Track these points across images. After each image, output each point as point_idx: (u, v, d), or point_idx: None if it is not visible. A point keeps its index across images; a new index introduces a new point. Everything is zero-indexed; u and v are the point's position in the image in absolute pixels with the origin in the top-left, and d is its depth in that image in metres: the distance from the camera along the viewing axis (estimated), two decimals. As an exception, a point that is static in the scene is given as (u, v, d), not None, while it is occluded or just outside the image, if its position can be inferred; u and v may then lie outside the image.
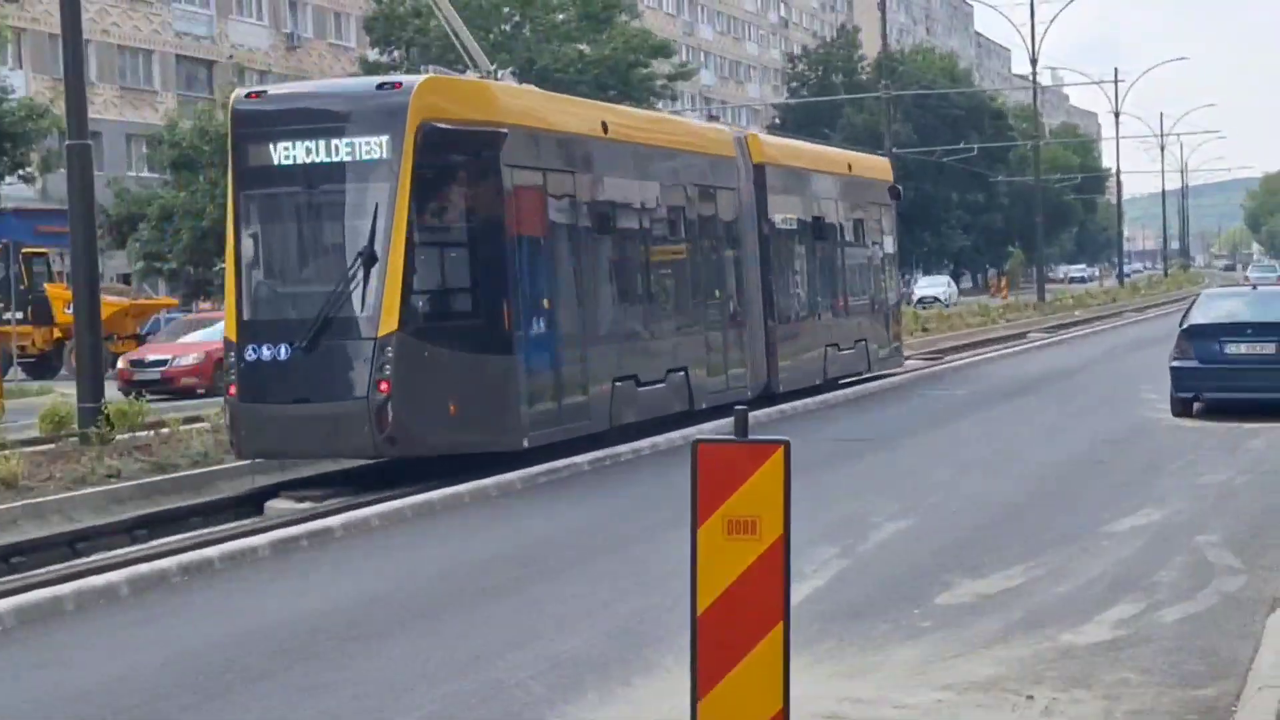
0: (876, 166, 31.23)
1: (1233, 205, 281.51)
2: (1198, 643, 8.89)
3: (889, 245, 29.95)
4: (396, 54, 55.33)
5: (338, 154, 16.18)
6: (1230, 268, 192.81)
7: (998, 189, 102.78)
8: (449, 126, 16.36)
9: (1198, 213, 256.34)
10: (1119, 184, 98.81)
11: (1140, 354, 32.41)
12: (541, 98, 19.58)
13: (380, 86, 17.19)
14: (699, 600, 5.94)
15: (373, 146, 16.08)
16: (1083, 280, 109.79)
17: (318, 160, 16.26)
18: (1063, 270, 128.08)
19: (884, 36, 48.46)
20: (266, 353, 16.02)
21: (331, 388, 15.99)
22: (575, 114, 19.70)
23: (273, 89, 19.04)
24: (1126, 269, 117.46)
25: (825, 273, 26.53)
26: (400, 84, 16.72)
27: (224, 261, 18.34)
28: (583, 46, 55.00)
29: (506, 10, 55.91)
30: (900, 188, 30.92)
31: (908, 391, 26.40)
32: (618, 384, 18.85)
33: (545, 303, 17.44)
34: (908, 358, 32.76)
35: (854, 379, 27.04)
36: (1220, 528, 12.53)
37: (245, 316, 16.41)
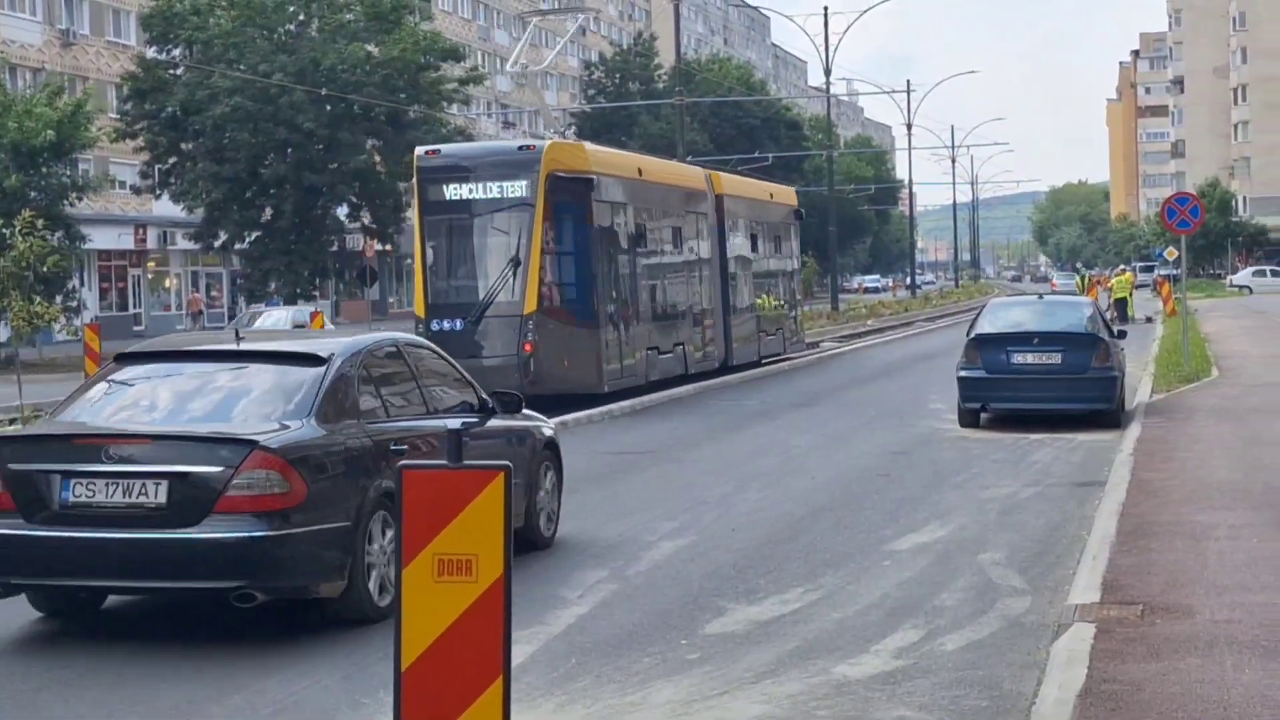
0: (788, 194, 39.22)
1: (1021, 218, 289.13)
2: (980, 674, 8.28)
3: (796, 257, 38.68)
4: (176, 52, 53.38)
5: (494, 193, 23.98)
6: (1018, 278, 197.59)
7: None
8: (564, 175, 24.04)
9: (988, 225, 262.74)
10: (911, 195, 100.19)
11: (929, 364, 32.35)
12: (606, 152, 27.84)
13: (520, 148, 25.17)
14: (404, 653, 5.07)
15: (518, 188, 23.82)
16: (876, 290, 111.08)
17: (480, 197, 24.08)
18: (857, 280, 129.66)
19: (677, 44, 48.03)
20: (447, 325, 23.45)
21: (494, 348, 23.32)
22: (624, 163, 27.80)
23: (444, 148, 26.69)
24: (919, 280, 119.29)
25: (761, 278, 34.38)
26: (534, 146, 24.68)
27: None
28: (372, 48, 53.57)
29: (292, 9, 54.28)
30: (803, 210, 38.77)
31: (695, 402, 25.76)
32: (649, 352, 26.61)
33: (613, 294, 25.37)
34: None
35: (773, 358, 34.57)
36: (1004, 545, 12.03)
37: (430, 301, 24.11)
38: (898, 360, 36.50)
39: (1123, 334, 22.22)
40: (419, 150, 25.36)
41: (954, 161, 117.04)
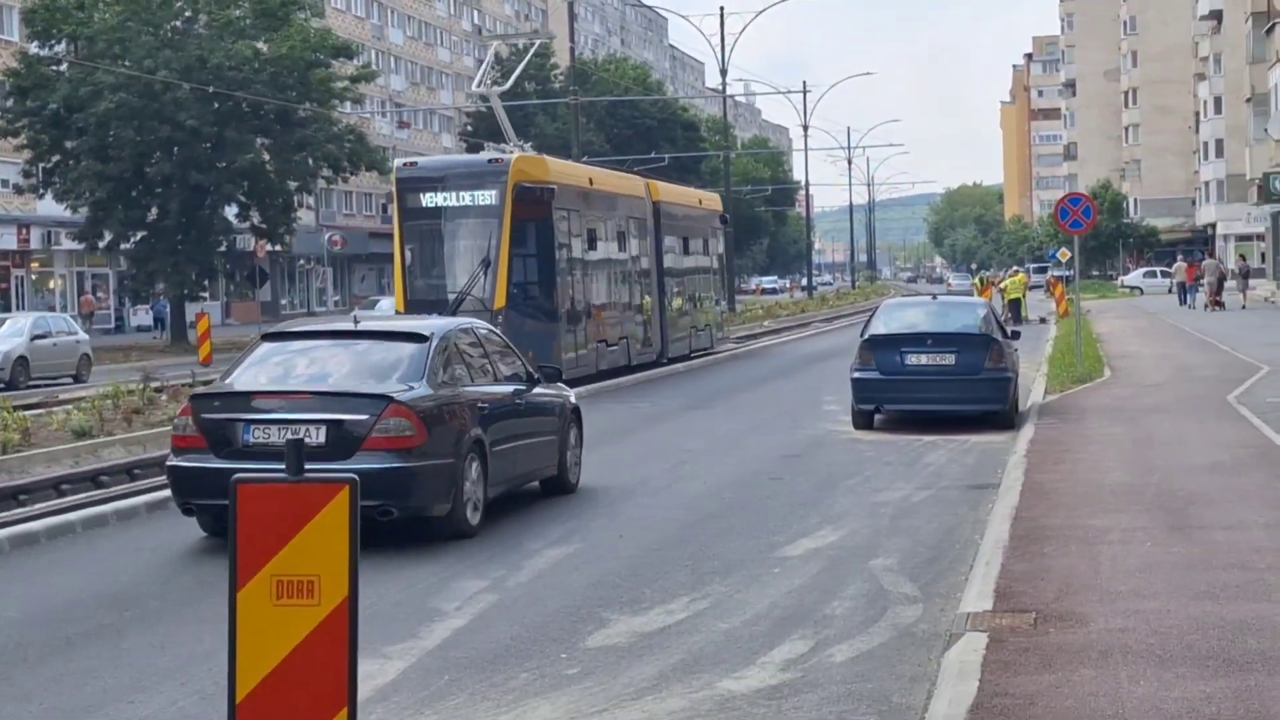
0: (714, 200, 42.53)
1: (917, 219, 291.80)
2: (869, 687, 7.97)
3: (722, 259, 42.22)
4: (59, 47, 52.17)
5: (465, 200, 26.40)
6: (913, 279, 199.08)
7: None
8: (529, 185, 26.32)
9: (885, 226, 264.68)
10: (808, 196, 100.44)
11: (825, 365, 32.18)
12: (564, 164, 31.29)
13: (490, 161, 27.19)
14: (238, 684, 4.64)
15: (487, 197, 26.19)
16: (774, 292, 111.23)
17: (453, 204, 26.49)
18: (754, 282, 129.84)
19: (571, 42, 47.58)
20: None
21: None
22: (578, 173, 30.86)
23: (420, 161, 29.43)
24: (817, 281, 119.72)
25: (691, 279, 36.98)
26: (502, 159, 26.77)
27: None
28: (260, 44, 52.70)
29: (179, 4, 53.26)
30: (728, 216, 42.78)
31: (589, 404, 25.26)
32: (599, 344, 29.33)
33: (570, 292, 27.93)
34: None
35: (701, 352, 37.12)
36: (897, 550, 11.77)
37: (409, 297, 26.56)
38: (793, 361, 36.38)
39: (1016, 335, 22.12)
40: (397, 162, 28.75)
41: (850, 163, 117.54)
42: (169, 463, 12.90)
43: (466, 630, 9.45)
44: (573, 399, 15.72)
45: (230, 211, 56.96)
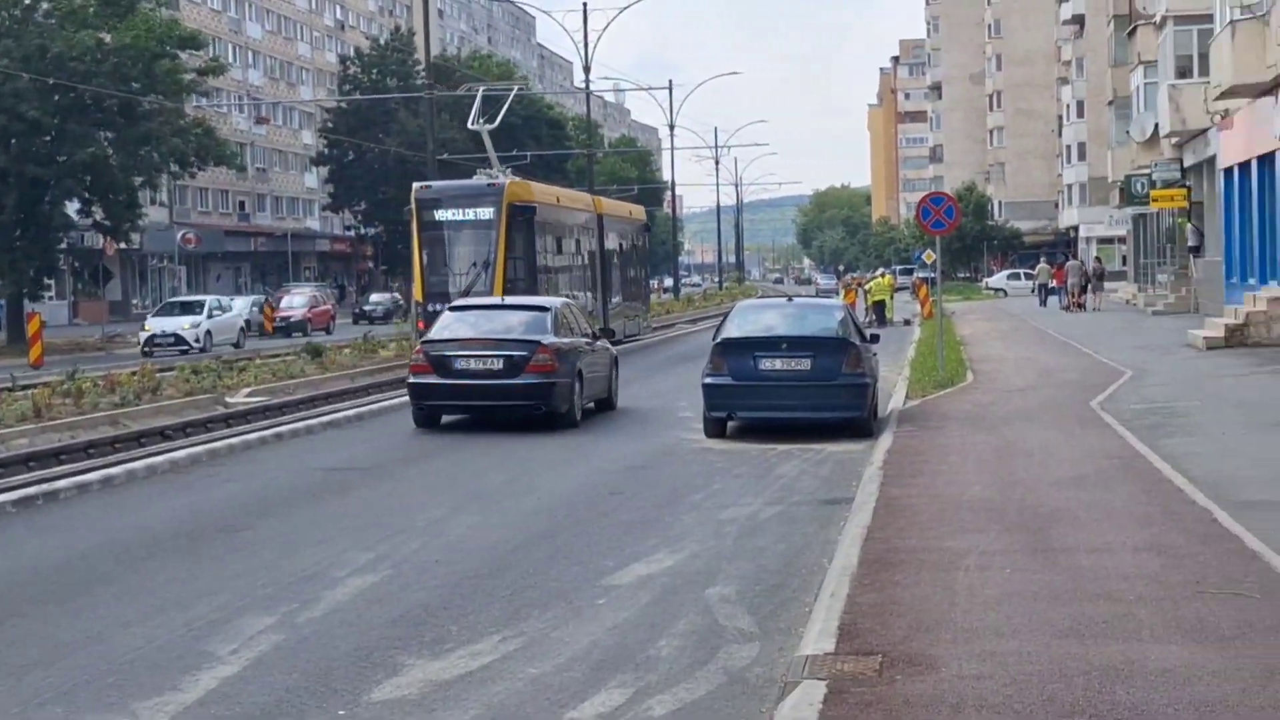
0: (641, 211, 52.88)
1: (786, 221, 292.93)
2: (689, 749, 6.88)
3: (645, 261, 52.26)
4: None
5: (469, 215, 33.69)
6: (780, 280, 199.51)
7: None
8: (518, 204, 33.91)
9: (754, 227, 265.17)
10: (674, 196, 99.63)
11: (685, 368, 31.08)
12: (542, 188, 39.14)
13: (489, 185, 34.40)
14: None
15: (487, 213, 33.51)
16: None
17: (460, 218, 33.78)
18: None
19: (426, 37, 46.09)
20: (438, 306, 28.55)
21: None
22: (551, 193, 39.07)
23: (433, 185, 35.78)
24: (684, 282, 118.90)
25: (625, 277, 45.10)
26: (498, 183, 34.27)
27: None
28: (104, 35, 50.62)
29: (20, -9, 51.08)
30: (649, 224, 53.45)
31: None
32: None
33: (546, 286, 34.72)
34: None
35: (632, 339, 43.48)
36: (738, 576, 10.72)
37: (427, 290, 33.48)
38: (653, 364, 35.34)
39: (875, 338, 21.22)
40: (416, 185, 35.21)
41: (717, 163, 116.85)
42: (410, 380, 21.54)
43: (237, 680, 8.23)
44: (614, 351, 24.35)
45: (72, 207, 54.84)
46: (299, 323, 60.45)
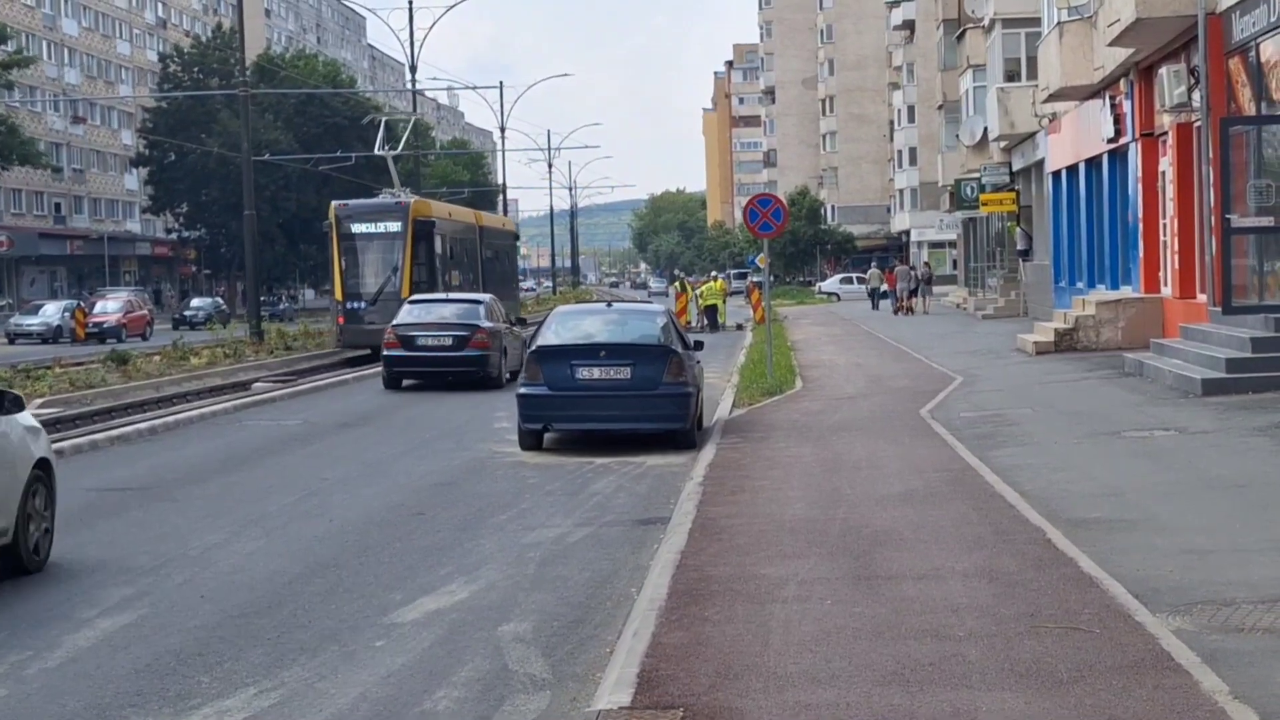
0: (510, 222, 61.59)
1: (622, 225, 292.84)
2: (454, 834, 5.86)
3: (515, 265, 61.47)
4: None
5: (380, 228, 39.36)
6: (616, 284, 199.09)
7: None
8: (421, 219, 39.75)
9: (590, 231, 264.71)
10: (505, 199, 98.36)
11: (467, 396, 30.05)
12: (440, 205, 46.79)
13: (397, 203, 40.44)
14: None
15: (395, 226, 39.19)
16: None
17: (373, 231, 39.41)
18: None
19: (241, 31, 44.47)
20: (354, 305, 38.96)
21: (384, 317, 33.24)
22: (446, 209, 46.23)
23: (350, 203, 41.51)
24: (520, 286, 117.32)
25: (500, 278, 50.23)
26: (404, 202, 40.38)
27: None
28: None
29: None
30: (518, 234, 62.30)
31: (229, 421, 22.70)
32: None
33: (442, 287, 39.42)
34: (258, 379, 33.13)
35: None
36: (535, 610, 9.72)
37: (345, 291, 39.29)
38: (319, 426, 34.05)
39: (699, 345, 20.35)
40: (335, 203, 40.81)
41: (550, 166, 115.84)
42: (384, 353, 28.05)
43: (-66, 752, 7.04)
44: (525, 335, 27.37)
45: None
46: (113, 329, 58.26)
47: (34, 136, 70.94)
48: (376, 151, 50.60)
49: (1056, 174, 39.22)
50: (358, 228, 39.44)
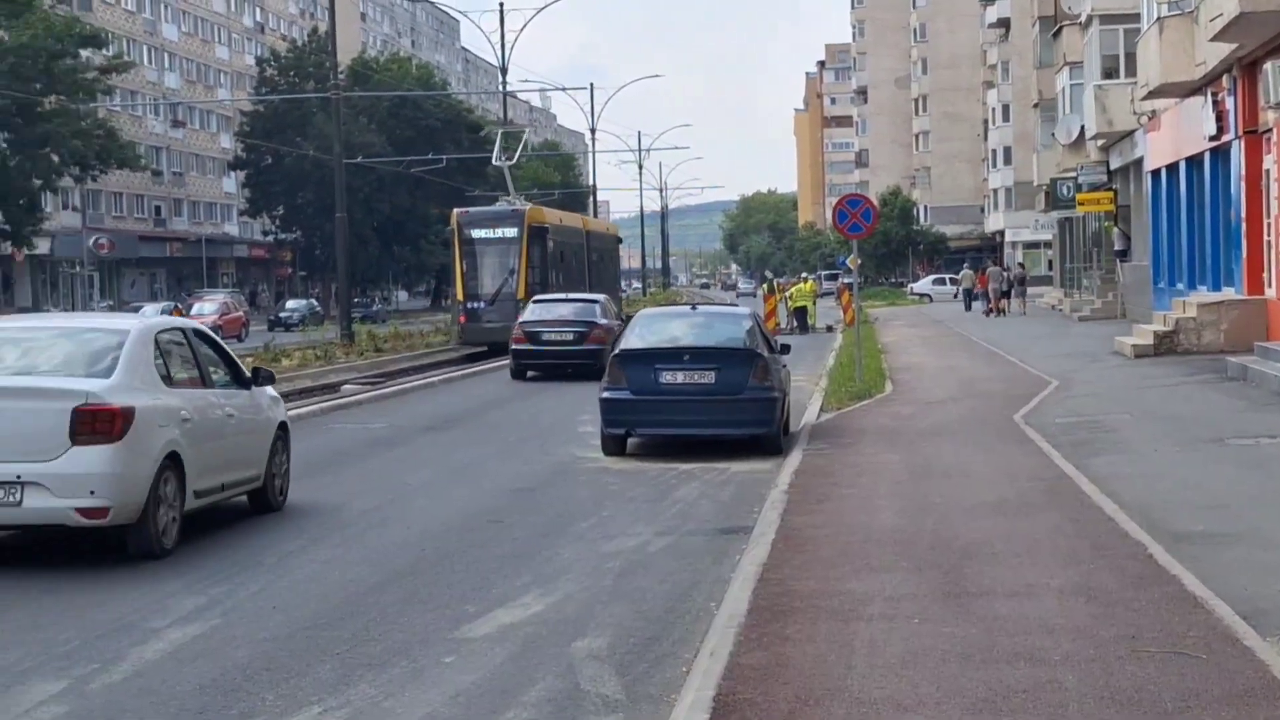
0: (614, 226, 68.01)
1: (712, 226, 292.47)
2: None
3: (617, 267, 63.78)
4: None
5: (498, 234, 42.13)
6: (706, 285, 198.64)
7: (477, 204, 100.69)
8: (535, 224, 42.58)
9: (680, 233, 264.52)
10: (595, 200, 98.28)
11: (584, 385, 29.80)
12: (552, 211, 50.76)
13: (513, 211, 43.27)
14: None
15: (511, 231, 42.04)
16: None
17: (491, 236, 42.17)
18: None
19: (332, 34, 44.60)
20: (474, 305, 41.72)
21: (502, 316, 38.96)
22: (557, 215, 49.94)
23: (470, 210, 44.87)
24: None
25: (604, 279, 52.81)
26: (520, 209, 43.26)
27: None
28: (0, 33, 48.74)
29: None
30: (620, 238, 65.17)
31: (315, 425, 22.55)
32: None
33: (554, 288, 41.80)
34: (347, 381, 32.93)
35: None
36: (611, 625, 9.41)
37: (466, 292, 41.93)
38: (465, 408, 33.80)
39: (785, 349, 19.96)
40: (456, 210, 44.33)
41: (641, 168, 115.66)
42: (513, 347, 30.81)
43: (-11, 771, 6.84)
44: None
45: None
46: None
47: (134, 140, 71.68)
48: (494, 162, 53.98)
49: (1156, 173, 38.40)
50: (477, 233, 42.40)
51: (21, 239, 53.36)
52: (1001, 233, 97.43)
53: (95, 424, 11.26)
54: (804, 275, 69.33)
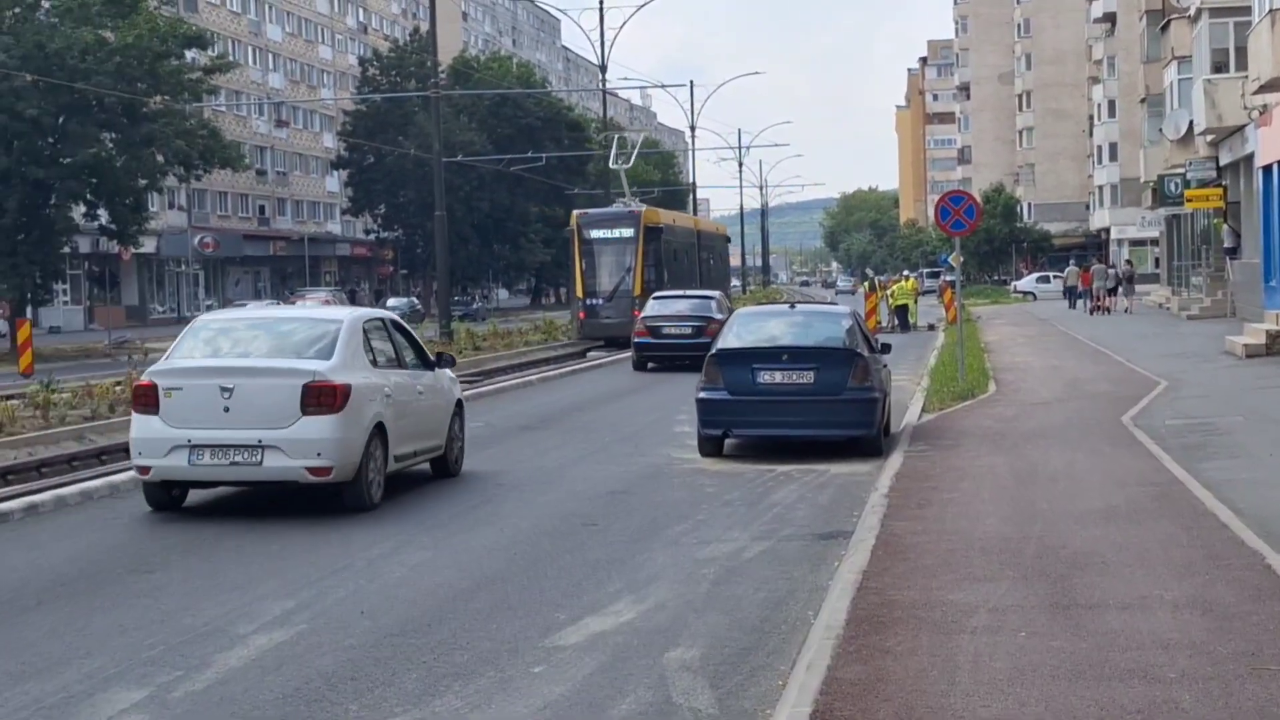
0: (723, 227, 70.05)
1: (813, 224, 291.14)
2: None
3: (726, 265, 67.57)
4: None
5: (615, 233, 45.28)
6: (806, 283, 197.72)
7: (578, 202, 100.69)
8: (650, 225, 45.97)
9: (780, 231, 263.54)
10: (694, 198, 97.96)
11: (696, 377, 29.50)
12: (666, 212, 54.39)
13: (630, 211, 46.32)
14: None
15: (628, 231, 45.25)
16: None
17: (609, 236, 45.30)
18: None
19: (433, 32, 44.63)
20: (593, 302, 44.79)
21: (619, 312, 43.29)
22: (670, 216, 53.21)
23: (589, 211, 48.06)
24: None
25: (714, 277, 56.68)
26: (637, 211, 46.39)
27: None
28: (106, 33, 49.24)
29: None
30: (729, 237, 69.75)
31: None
32: None
33: (667, 285, 43.36)
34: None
35: None
36: (705, 635, 9.13)
37: (585, 289, 45.04)
38: (592, 396, 33.58)
39: (886, 348, 19.57)
40: (576, 211, 47.86)
41: (741, 165, 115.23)
42: (635, 340, 32.45)
43: (65, 783, 6.68)
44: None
45: (79, 211, 53.49)
46: None
47: (238, 140, 72.32)
48: (610, 165, 58.11)
49: (1267, 168, 37.46)
50: (596, 233, 45.38)
51: (127, 238, 53.86)
52: (1107, 230, 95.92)
53: (321, 397, 13.38)
54: (905, 273, 68.58)
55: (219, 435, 13.43)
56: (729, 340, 18.14)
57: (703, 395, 17.61)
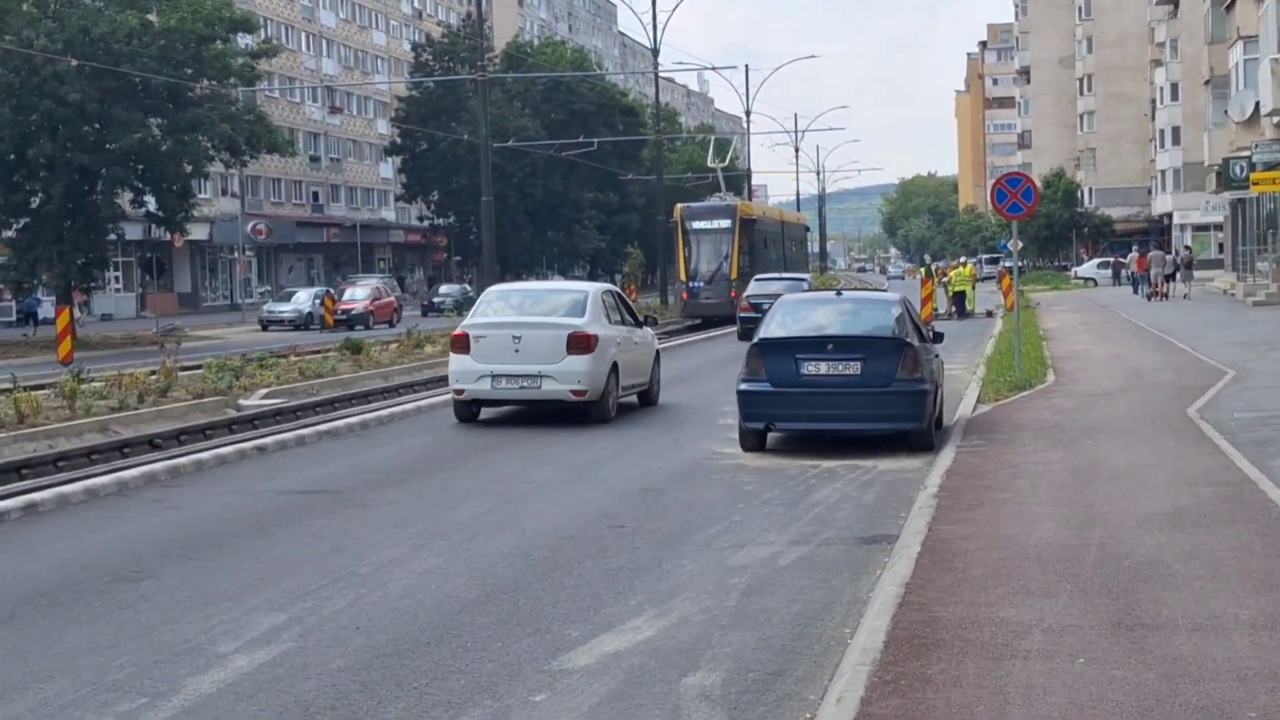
0: (803, 217, 78.50)
1: (871, 209, 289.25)
2: None
3: (806, 253, 75.02)
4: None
5: (714, 225, 52.48)
6: (863, 269, 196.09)
7: (632, 188, 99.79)
8: (745, 217, 53.42)
9: (838, 216, 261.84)
10: (749, 183, 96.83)
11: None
12: (758, 205, 68.15)
13: (727, 205, 54.05)
14: None
15: (725, 222, 52.45)
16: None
17: (709, 227, 52.50)
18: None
19: (479, 17, 43.84)
20: (694, 285, 52.21)
21: (717, 294, 51.07)
22: (760, 208, 63.54)
23: (691, 205, 55.62)
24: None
25: (796, 265, 61.27)
26: (733, 203, 54.71)
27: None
28: (151, 16, 48.72)
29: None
30: (809, 227, 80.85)
31: (445, 415, 21.59)
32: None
33: (758, 271, 47.19)
34: None
35: None
36: (730, 655, 8.28)
37: (689, 272, 52.60)
38: (712, 360, 32.78)
39: (939, 337, 18.62)
40: (679, 205, 54.66)
41: (797, 150, 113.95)
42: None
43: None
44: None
45: (126, 198, 53.09)
46: (361, 315, 58.38)
47: (289, 125, 71.85)
48: (709, 164, 66.61)
49: (1339, 150, 36.17)
50: (697, 224, 52.22)
51: (175, 224, 53.35)
52: (1169, 215, 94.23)
53: (580, 343, 19.55)
54: (962, 259, 67.40)
55: (512, 368, 19.60)
56: (771, 329, 17.22)
57: (744, 387, 16.72)
